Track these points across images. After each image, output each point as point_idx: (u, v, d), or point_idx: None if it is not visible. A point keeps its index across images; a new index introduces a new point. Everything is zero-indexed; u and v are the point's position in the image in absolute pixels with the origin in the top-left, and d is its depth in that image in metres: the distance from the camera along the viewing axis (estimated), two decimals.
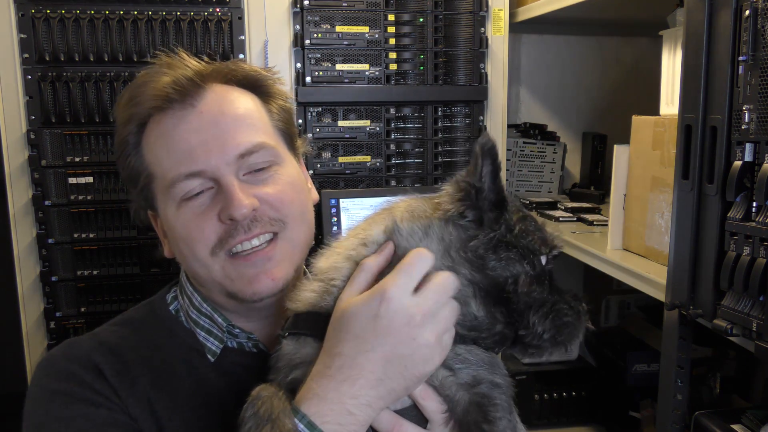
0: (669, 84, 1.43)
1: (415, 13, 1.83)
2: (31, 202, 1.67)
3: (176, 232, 0.81)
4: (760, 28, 0.95)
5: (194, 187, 0.79)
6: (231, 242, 0.79)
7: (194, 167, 0.78)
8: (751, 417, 1.14)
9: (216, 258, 0.80)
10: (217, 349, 0.87)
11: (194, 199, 0.80)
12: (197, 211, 0.79)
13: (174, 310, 0.91)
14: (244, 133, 0.81)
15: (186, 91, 0.80)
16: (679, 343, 1.18)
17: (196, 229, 0.79)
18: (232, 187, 0.78)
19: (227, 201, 0.78)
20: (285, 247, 0.82)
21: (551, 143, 2.27)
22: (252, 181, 0.81)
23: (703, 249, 1.07)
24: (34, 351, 1.72)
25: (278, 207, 0.82)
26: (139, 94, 0.82)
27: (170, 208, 0.81)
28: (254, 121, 0.83)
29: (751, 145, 0.98)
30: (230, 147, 0.79)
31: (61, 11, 1.62)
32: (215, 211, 0.79)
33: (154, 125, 0.81)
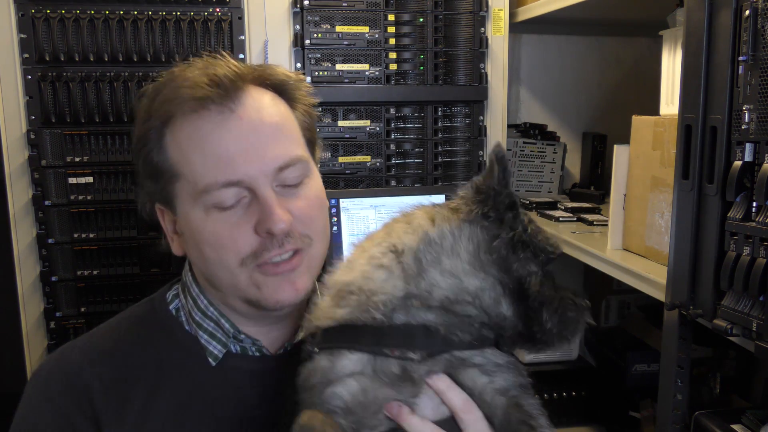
0: (669, 84, 1.43)
1: (415, 13, 1.83)
2: (31, 202, 1.67)
3: (202, 237, 0.79)
4: (760, 28, 0.95)
5: (229, 197, 0.77)
6: (266, 255, 0.78)
7: (232, 176, 0.76)
8: (751, 417, 1.14)
9: (245, 268, 0.79)
10: (219, 354, 0.85)
11: (227, 210, 0.78)
12: (231, 221, 0.77)
13: (174, 309, 0.90)
14: (283, 145, 0.79)
15: (225, 93, 0.77)
16: (679, 343, 1.18)
17: (228, 239, 0.77)
18: (271, 200, 0.77)
19: (266, 214, 0.76)
20: (308, 261, 0.82)
21: (551, 143, 2.27)
22: (284, 194, 0.80)
23: (703, 249, 1.07)
24: (34, 351, 1.72)
25: (308, 223, 0.81)
26: (172, 91, 0.79)
27: (196, 212, 0.78)
28: (290, 131, 0.82)
29: (751, 145, 0.98)
30: (270, 158, 0.77)
31: (61, 11, 1.62)
32: (251, 223, 0.77)
33: (185, 124, 0.78)
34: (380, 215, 1.80)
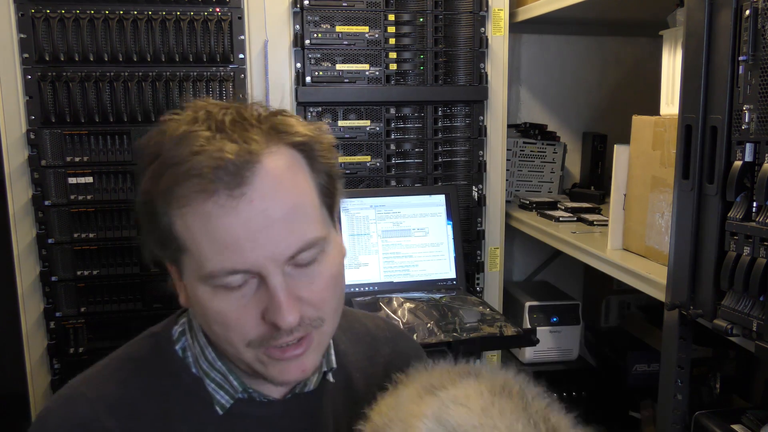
0: (669, 84, 1.43)
1: (415, 13, 1.83)
2: (31, 202, 1.67)
3: (208, 313, 0.74)
4: (760, 28, 0.95)
5: (235, 281, 0.72)
6: (272, 343, 0.74)
7: (239, 265, 0.70)
8: (751, 417, 1.14)
9: (251, 348, 0.75)
10: (227, 404, 0.81)
11: (234, 290, 0.72)
12: (239, 303, 0.72)
13: (180, 349, 0.84)
14: (297, 229, 0.72)
15: (235, 177, 0.68)
16: (679, 343, 1.18)
17: (234, 321, 0.73)
18: (280, 292, 0.71)
19: (274, 307, 0.71)
20: (317, 340, 0.78)
21: (551, 143, 2.27)
22: (296, 276, 0.73)
23: (703, 249, 1.07)
24: (34, 351, 1.72)
25: (320, 307, 0.76)
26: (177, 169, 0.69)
27: (203, 288, 0.73)
28: (307, 210, 0.74)
29: (751, 145, 0.98)
30: (282, 246, 0.71)
31: (61, 11, 1.62)
32: (259, 308, 0.72)
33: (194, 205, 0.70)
34: (380, 215, 1.80)
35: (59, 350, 1.72)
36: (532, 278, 2.46)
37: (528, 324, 1.97)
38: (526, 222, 1.96)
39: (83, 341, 1.74)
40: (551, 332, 1.99)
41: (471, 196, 1.95)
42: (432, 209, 1.83)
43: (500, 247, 2.00)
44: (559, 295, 2.11)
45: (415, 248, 1.81)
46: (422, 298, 1.67)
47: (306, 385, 0.85)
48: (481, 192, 1.96)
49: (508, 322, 1.56)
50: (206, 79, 1.72)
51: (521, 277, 2.47)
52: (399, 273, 1.79)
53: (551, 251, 2.36)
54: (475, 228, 1.96)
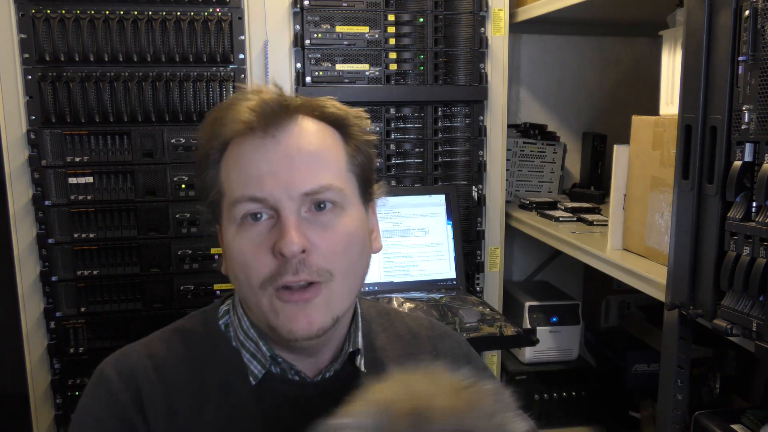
0: (669, 84, 1.43)
1: (415, 13, 1.83)
2: (31, 202, 1.67)
3: (233, 254, 0.82)
4: (760, 28, 0.95)
5: (255, 209, 0.80)
6: (280, 280, 0.79)
7: (258, 193, 0.79)
8: (751, 417, 1.14)
9: (264, 291, 0.80)
10: (259, 373, 0.87)
11: (254, 225, 0.80)
12: (255, 240, 0.80)
13: (224, 324, 0.91)
14: (315, 172, 0.81)
15: (269, 120, 0.80)
16: (679, 343, 1.18)
17: (251, 259, 0.80)
18: (289, 222, 0.78)
19: (281, 235, 0.78)
20: (326, 296, 0.81)
21: (551, 143, 2.27)
22: (311, 220, 0.81)
23: (703, 249, 1.07)
24: (34, 351, 1.72)
25: (328, 257, 0.81)
26: (224, 116, 0.83)
27: (231, 228, 0.82)
28: (328, 161, 0.83)
29: (751, 145, 0.98)
30: (297, 183, 0.79)
31: (61, 11, 1.62)
32: (270, 243, 0.79)
33: (234, 146, 0.82)
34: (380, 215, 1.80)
35: (59, 350, 1.72)
36: (532, 278, 2.46)
37: (528, 324, 1.97)
38: (526, 222, 1.96)
39: (83, 341, 1.74)
40: (551, 332, 1.99)
41: (471, 196, 1.95)
42: (432, 209, 1.83)
43: (500, 247, 2.00)
44: (559, 295, 2.11)
45: (415, 248, 1.81)
46: (422, 298, 1.68)
47: (333, 366, 0.88)
48: (481, 192, 1.96)
49: (508, 322, 1.56)
50: (206, 79, 1.72)
51: (521, 277, 2.47)
52: (399, 273, 1.79)
53: (551, 251, 2.36)
54: (475, 228, 1.96)
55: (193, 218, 1.76)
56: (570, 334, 2.01)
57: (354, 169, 0.86)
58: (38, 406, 1.74)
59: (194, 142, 1.74)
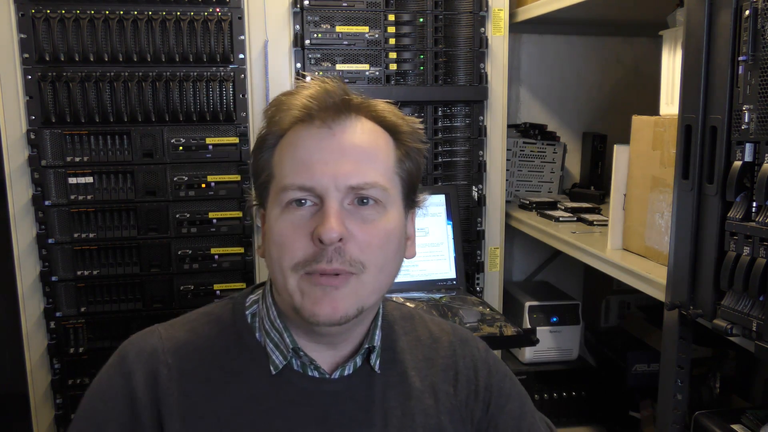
0: (669, 84, 1.43)
1: (415, 13, 1.83)
2: (31, 202, 1.67)
3: (273, 236, 0.84)
4: (760, 28, 0.95)
5: (301, 196, 0.83)
6: (313, 266, 0.81)
7: (307, 182, 0.82)
8: (751, 417, 1.14)
9: (295, 273, 0.82)
10: (280, 364, 0.88)
11: (297, 209, 0.83)
12: (296, 223, 0.82)
13: (250, 315, 0.93)
14: (363, 168, 0.84)
15: (327, 112, 0.84)
16: (679, 343, 1.18)
17: (289, 240, 0.82)
18: (331, 209, 0.81)
19: (322, 221, 0.80)
20: (354, 285, 0.83)
21: (551, 143, 2.27)
22: (353, 212, 0.83)
23: (703, 249, 1.07)
24: (34, 351, 1.72)
25: (364, 249, 0.83)
26: (286, 102, 0.86)
27: (275, 210, 0.84)
28: (378, 159, 0.86)
29: (751, 145, 0.98)
30: (345, 175, 0.82)
31: (61, 11, 1.62)
32: (310, 228, 0.81)
33: (291, 133, 0.85)
34: None
35: (59, 350, 1.72)
36: (532, 278, 2.46)
37: (528, 324, 1.97)
38: (526, 222, 1.96)
39: (83, 341, 1.74)
40: (551, 332, 1.99)
41: (471, 196, 1.95)
42: (432, 209, 1.83)
43: (500, 247, 2.00)
44: (559, 295, 2.11)
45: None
46: (422, 298, 1.68)
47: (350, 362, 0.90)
48: (481, 192, 1.96)
49: (508, 322, 1.56)
50: (206, 79, 1.72)
51: (521, 277, 2.47)
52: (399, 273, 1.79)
53: (551, 251, 2.36)
54: (475, 228, 1.96)
55: (193, 218, 1.76)
56: (570, 334, 2.01)
57: (401, 173, 0.89)
58: (38, 406, 1.74)
59: (194, 142, 1.74)
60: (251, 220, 1.79)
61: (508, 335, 1.51)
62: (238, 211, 1.78)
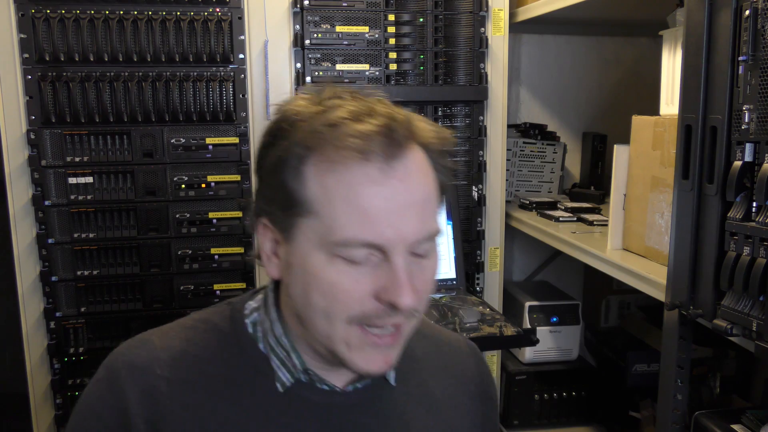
0: (669, 84, 1.43)
1: (415, 13, 1.83)
2: (31, 202, 1.67)
3: (317, 282, 0.74)
4: (760, 28, 0.95)
5: (361, 255, 0.73)
6: (375, 322, 0.75)
7: (376, 239, 0.72)
8: (751, 417, 1.14)
9: (348, 325, 0.75)
10: (287, 381, 0.82)
11: (354, 264, 0.74)
12: (355, 277, 0.73)
13: (251, 323, 0.85)
14: (426, 218, 0.76)
15: (392, 149, 0.72)
16: (679, 343, 1.18)
17: (345, 294, 0.73)
18: (403, 273, 0.73)
19: (395, 287, 0.72)
20: (405, 334, 0.79)
21: (551, 143, 2.27)
22: (412, 264, 0.76)
23: (703, 249, 1.07)
24: (34, 351, 1.72)
25: (421, 299, 0.77)
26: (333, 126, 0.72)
27: (320, 255, 0.74)
28: (434, 203, 0.78)
29: (751, 145, 0.98)
30: (414, 229, 0.73)
31: (61, 11, 1.62)
32: (374, 286, 0.73)
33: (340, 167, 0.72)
34: None
35: (59, 350, 1.72)
36: (532, 278, 2.46)
37: (528, 324, 1.97)
38: (526, 222, 1.96)
39: (83, 341, 1.74)
40: (551, 332, 1.99)
41: (471, 196, 1.95)
42: None
43: (500, 247, 2.00)
44: (559, 295, 2.11)
45: None
46: None
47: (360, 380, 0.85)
48: (481, 192, 1.96)
49: (508, 322, 1.56)
50: (206, 79, 1.72)
51: (521, 277, 2.47)
52: None
53: (551, 251, 2.36)
54: (475, 228, 1.96)
55: (193, 218, 1.76)
56: (570, 334, 2.01)
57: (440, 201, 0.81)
58: (38, 406, 1.74)
59: (194, 142, 1.74)
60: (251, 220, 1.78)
61: (508, 335, 1.51)
62: (238, 211, 1.78)
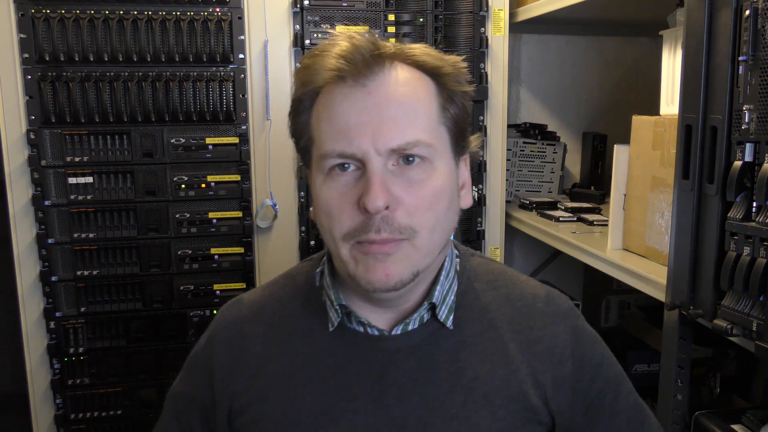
0: (669, 84, 1.43)
1: (415, 13, 1.83)
2: (31, 202, 1.67)
3: (319, 203, 0.83)
4: (760, 28, 0.95)
5: (342, 162, 0.80)
6: (362, 236, 0.79)
7: (347, 149, 0.78)
8: (751, 417, 1.14)
9: (346, 243, 0.81)
10: (335, 320, 0.89)
11: (341, 174, 0.80)
12: (341, 191, 0.80)
13: (320, 273, 0.94)
14: (404, 126, 0.79)
15: (358, 69, 0.78)
16: (679, 343, 1.18)
17: (336, 210, 0.81)
18: (374, 177, 0.77)
19: (366, 189, 0.77)
20: (407, 250, 0.80)
21: (551, 143, 2.27)
22: (398, 174, 0.79)
23: (703, 249, 1.07)
24: (34, 351, 1.72)
25: (413, 214, 0.79)
26: (315, 63, 0.81)
27: (319, 177, 0.82)
28: (418, 114, 0.81)
29: (751, 145, 0.98)
30: (385, 137, 0.78)
31: (61, 11, 1.62)
32: (355, 196, 0.79)
33: (325, 94, 0.81)
34: None
35: (59, 350, 1.72)
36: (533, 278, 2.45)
37: None
38: (526, 222, 1.96)
39: (83, 341, 1.74)
40: None
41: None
42: None
43: (500, 247, 2.00)
44: None
45: None
46: None
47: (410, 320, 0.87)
48: (481, 192, 1.96)
49: None
50: (206, 79, 1.72)
51: None
52: None
53: (551, 251, 2.36)
54: (475, 228, 1.96)
55: (193, 218, 1.76)
56: None
57: (446, 122, 0.83)
58: (38, 406, 1.74)
59: (194, 142, 1.74)
60: (251, 220, 1.79)
61: None
62: (238, 211, 1.78)
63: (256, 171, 1.78)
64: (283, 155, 1.79)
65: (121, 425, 1.79)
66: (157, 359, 1.78)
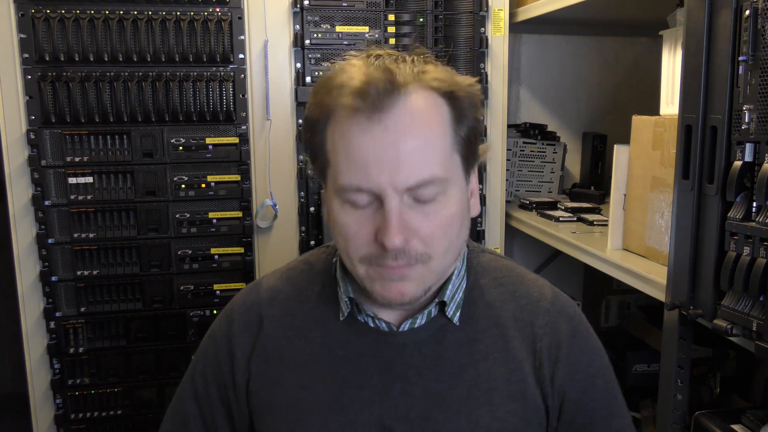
0: (669, 84, 1.43)
1: (415, 13, 1.83)
2: (31, 202, 1.67)
3: (336, 224, 0.85)
4: (760, 28, 0.95)
5: (360, 200, 0.81)
6: (379, 262, 0.82)
7: (364, 184, 0.79)
8: (751, 417, 1.14)
9: (361, 264, 0.84)
10: (346, 310, 0.91)
11: (359, 207, 0.82)
12: (359, 220, 0.82)
13: (335, 262, 0.96)
14: (420, 164, 0.80)
15: (374, 105, 0.78)
16: (679, 343, 1.18)
17: (352, 235, 0.83)
18: (392, 215, 0.79)
19: (384, 227, 0.79)
20: (421, 272, 0.83)
21: (551, 143, 2.27)
22: (414, 208, 0.81)
23: (703, 249, 1.07)
24: (34, 351, 1.72)
25: (428, 243, 0.82)
26: (332, 90, 0.82)
27: (335, 200, 0.84)
28: (434, 148, 0.81)
29: (751, 145, 0.98)
30: (403, 176, 0.79)
31: (61, 11, 1.62)
32: (373, 228, 0.81)
33: (341, 120, 0.81)
34: None
35: (59, 350, 1.72)
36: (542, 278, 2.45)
37: None
38: (526, 222, 1.96)
39: (83, 341, 1.74)
40: None
41: None
42: None
43: (500, 247, 2.00)
44: None
45: None
46: None
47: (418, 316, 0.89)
48: (482, 192, 1.96)
49: None
50: (206, 79, 1.72)
51: None
52: None
53: (551, 251, 2.36)
54: (475, 228, 1.96)
55: (193, 218, 1.76)
56: None
57: (458, 148, 0.85)
58: (38, 406, 1.74)
59: (194, 142, 1.74)
60: (251, 220, 1.79)
61: None
62: (238, 211, 1.78)
63: (256, 171, 1.78)
64: (283, 155, 1.79)
65: (121, 425, 1.79)
66: (157, 359, 1.78)
